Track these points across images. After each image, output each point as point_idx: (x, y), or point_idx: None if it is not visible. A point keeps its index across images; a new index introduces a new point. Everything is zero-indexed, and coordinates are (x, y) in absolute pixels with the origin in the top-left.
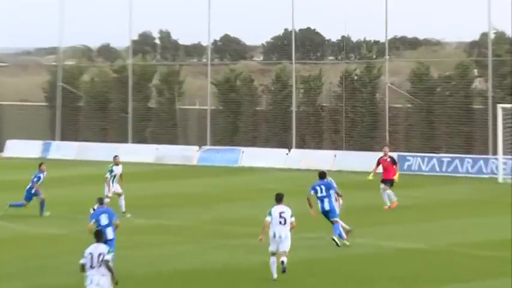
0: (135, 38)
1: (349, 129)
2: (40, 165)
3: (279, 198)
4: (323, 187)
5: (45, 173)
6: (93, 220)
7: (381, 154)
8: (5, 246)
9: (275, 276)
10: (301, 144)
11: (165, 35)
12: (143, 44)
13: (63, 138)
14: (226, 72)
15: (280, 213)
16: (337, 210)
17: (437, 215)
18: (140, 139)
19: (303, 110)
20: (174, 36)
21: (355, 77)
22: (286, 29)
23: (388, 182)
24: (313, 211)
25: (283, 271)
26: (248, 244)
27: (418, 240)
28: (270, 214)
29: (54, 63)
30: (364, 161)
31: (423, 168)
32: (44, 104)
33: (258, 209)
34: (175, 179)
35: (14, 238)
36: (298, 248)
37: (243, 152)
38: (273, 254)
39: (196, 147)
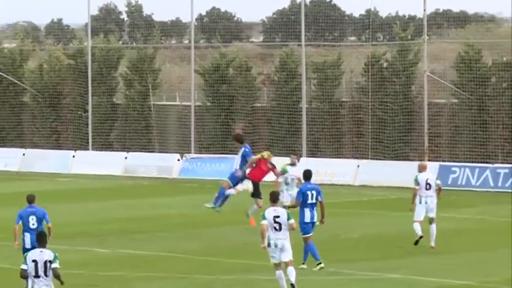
0: (95, 12)
1: (377, 131)
2: None
3: (273, 198)
4: (314, 192)
5: None
6: (19, 222)
7: (415, 164)
8: None
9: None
10: (314, 152)
11: (135, 9)
12: (106, 20)
13: (2, 144)
14: (215, 58)
15: (275, 217)
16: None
17: (492, 242)
18: (104, 145)
19: (316, 106)
20: (146, 11)
21: (385, 64)
22: (293, 1)
23: None
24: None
25: None
26: (247, 280)
27: (464, 275)
28: (264, 218)
29: None
30: (396, 173)
31: (473, 182)
32: None
33: (257, 235)
34: (149, 196)
35: None
36: (308, 285)
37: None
38: (277, 265)
39: (177, 156)
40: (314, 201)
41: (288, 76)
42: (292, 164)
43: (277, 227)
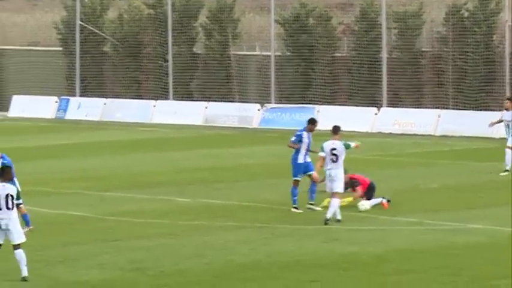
0: None
1: (457, 81)
2: None
3: (335, 130)
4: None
5: None
6: None
7: (499, 114)
8: None
9: (339, 217)
10: (395, 102)
11: None
12: None
13: (84, 94)
14: (295, 7)
15: (332, 149)
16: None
17: None
18: (184, 95)
19: (396, 56)
20: None
21: (466, 14)
22: None
23: None
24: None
25: (325, 223)
26: (325, 230)
27: None
28: (322, 149)
29: None
30: (477, 123)
31: None
32: (58, 48)
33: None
34: (230, 146)
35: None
36: (391, 235)
37: (318, 111)
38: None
39: (257, 106)
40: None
41: (368, 26)
42: None
43: (334, 159)
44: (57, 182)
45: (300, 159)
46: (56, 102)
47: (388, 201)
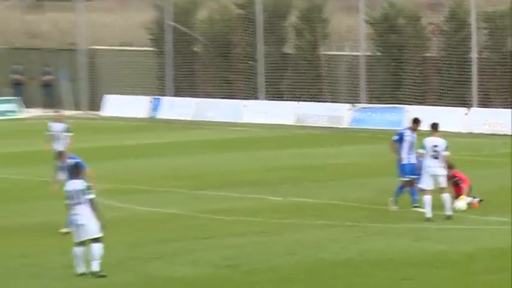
0: None
1: None
2: None
3: (435, 127)
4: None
5: None
6: None
7: None
8: (113, 229)
9: (429, 215)
10: (485, 102)
11: None
12: None
13: (176, 94)
14: (384, 7)
15: (434, 146)
16: None
17: None
18: (275, 94)
19: (486, 56)
20: None
21: None
22: None
23: None
24: None
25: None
26: (415, 229)
27: None
28: (423, 147)
29: None
30: None
31: None
32: (150, 49)
33: None
34: (320, 146)
35: (123, 219)
36: (481, 234)
37: (407, 111)
38: (427, 192)
39: (347, 106)
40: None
41: (458, 26)
42: None
43: (436, 155)
44: (150, 180)
45: (404, 160)
46: (150, 101)
47: (480, 200)
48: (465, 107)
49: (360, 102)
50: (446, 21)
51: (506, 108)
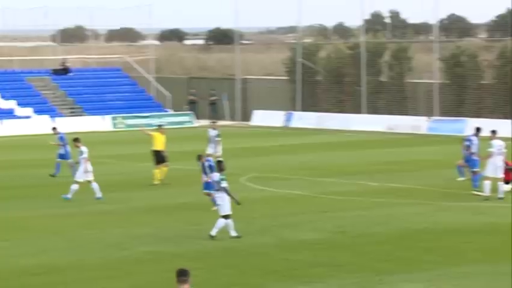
0: (367, 17)
1: None
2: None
3: (494, 133)
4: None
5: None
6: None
7: None
8: (257, 205)
9: (488, 195)
10: None
11: (395, 15)
12: (375, 23)
13: (303, 109)
14: (452, 49)
15: (499, 146)
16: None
17: None
18: (373, 110)
19: None
20: (403, 16)
21: None
22: (509, 8)
23: None
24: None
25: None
26: (475, 206)
27: None
28: (491, 146)
29: (294, 41)
30: None
31: None
32: (285, 78)
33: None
34: (405, 146)
35: (264, 198)
36: None
37: (468, 122)
38: (490, 178)
39: (425, 118)
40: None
41: (505, 61)
42: None
43: (500, 152)
44: (285, 171)
45: (474, 156)
46: (285, 115)
47: None
48: (509, 119)
49: (434, 116)
50: (497, 58)
51: None
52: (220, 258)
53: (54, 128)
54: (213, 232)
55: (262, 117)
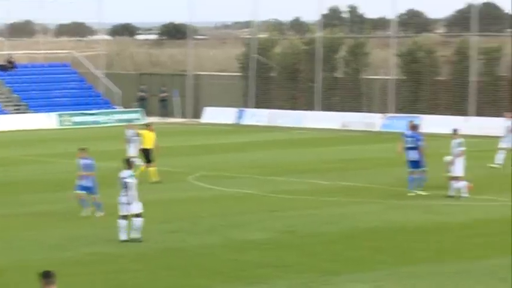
0: (325, 12)
1: None
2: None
3: (456, 131)
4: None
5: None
6: None
7: None
8: (205, 204)
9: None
10: (479, 112)
11: (353, 9)
12: (332, 18)
13: (256, 106)
14: (409, 44)
15: (459, 143)
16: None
17: None
18: (327, 107)
19: (481, 79)
20: (360, 11)
21: None
22: (467, 3)
23: None
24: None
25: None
26: (424, 205)
27: None
28: (462, 145)
29: (249, 36)
30: None
31: None
32: (239, 74)
33: (435, 172)
34: (359, 144)
35: (212, 197)
36: (475, 209)
37: (423, 119)
38: (461, 178)
39: (379, 115)
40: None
41: (462, 58)
42: None
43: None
44: (235, 169)
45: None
46: (237, 112)
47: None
48: (465, 116)
49: (389, 112)
50: (453, 54)
51: (496, 117)
52: (164, 259)
53: None
54: (133, 234)
55: (213, 114)
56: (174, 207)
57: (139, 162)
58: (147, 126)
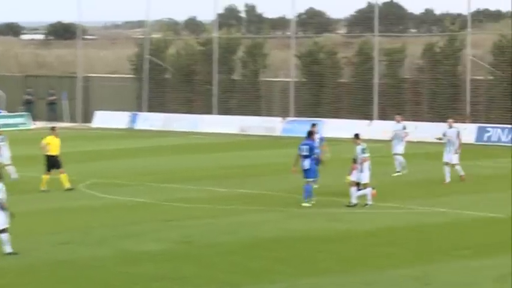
0: (221, 11)
1: (430, 101)
2: None
3: (357, 136)
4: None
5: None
6: None
7: (461, 126)
8: (96, 213)
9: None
10: (383, 116)
11: (250, 9)
12: (229, 17)
13: (150, 110)
14: (310, 45)
15: (363, 149)
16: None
17: None
18: (225, 110)
19: (384, 82)
20: (259, 10)
21: (437, 50)
22: (369, 3)
23: None
24: (294, 169)
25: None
26: (328, 213)
27: (496, 210)
28: (365, 151)
29: (142, 37)
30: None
31: (503, 139)
32: (131, 76)
33: (338, 178)
34: (258, 149)
35: (104, 206)
36: (380, 216)
37: (325, 123)
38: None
39: (279, 119)
40: (307, 153)
41: (365, 59)
42: None
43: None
44: (126, 176)
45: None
46: (130, 116)
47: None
48: (368, 119)
49: (289, 116)
50: (355, 55)
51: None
52: (52, 272)
53: None
54: (7, 249)
55: (104, 119)
56: (64, 217)
57: (12, 171)
58: (52, 130)
